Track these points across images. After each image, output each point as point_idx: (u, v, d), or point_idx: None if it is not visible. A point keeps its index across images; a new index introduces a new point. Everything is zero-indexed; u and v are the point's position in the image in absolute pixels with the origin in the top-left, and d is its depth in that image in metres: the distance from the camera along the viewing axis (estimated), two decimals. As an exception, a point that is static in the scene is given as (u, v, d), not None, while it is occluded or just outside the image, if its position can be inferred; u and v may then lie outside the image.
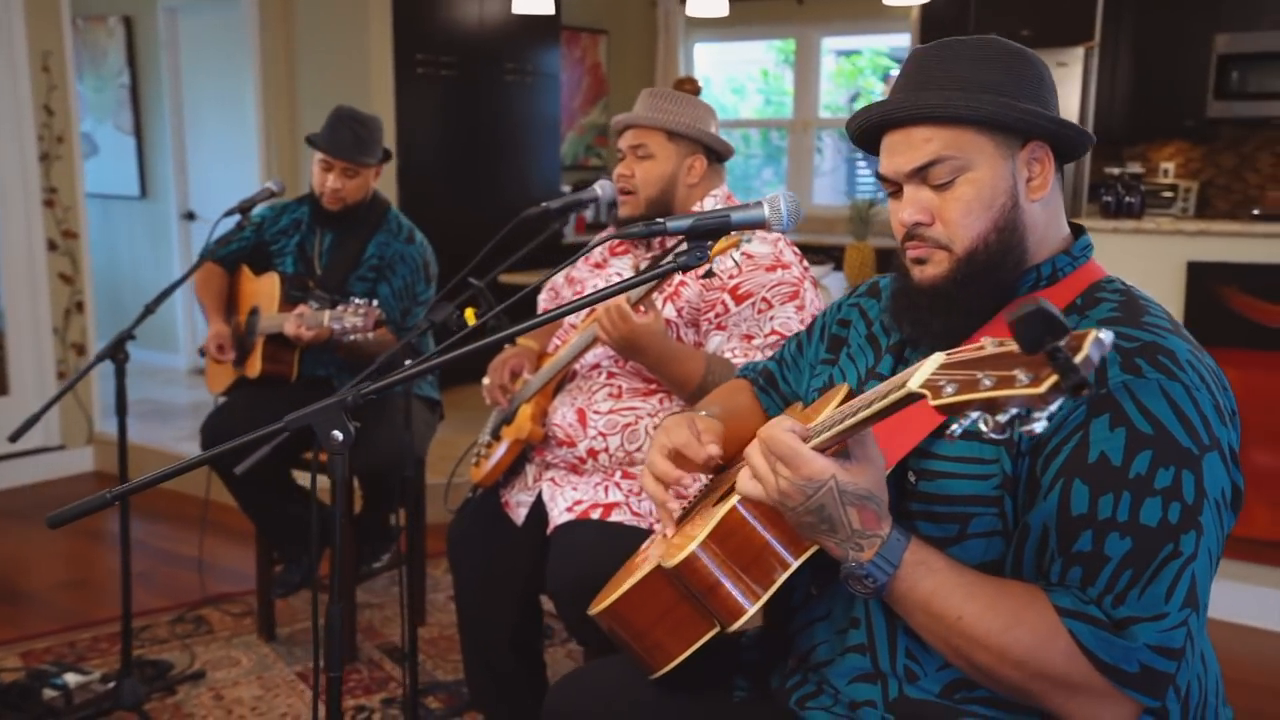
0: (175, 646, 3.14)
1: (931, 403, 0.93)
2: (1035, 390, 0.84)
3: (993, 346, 0.92)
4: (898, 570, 1.12)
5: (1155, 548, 1.08)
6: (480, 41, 5.92)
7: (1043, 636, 1.08)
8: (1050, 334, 0.83)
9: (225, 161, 5.95)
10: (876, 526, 1.12)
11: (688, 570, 1.25)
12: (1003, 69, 1.24)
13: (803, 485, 1.10)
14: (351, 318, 2.62)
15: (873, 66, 7.76)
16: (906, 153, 1.24)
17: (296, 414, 1.28)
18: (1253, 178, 5.70)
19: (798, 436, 1.12)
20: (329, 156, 2.99)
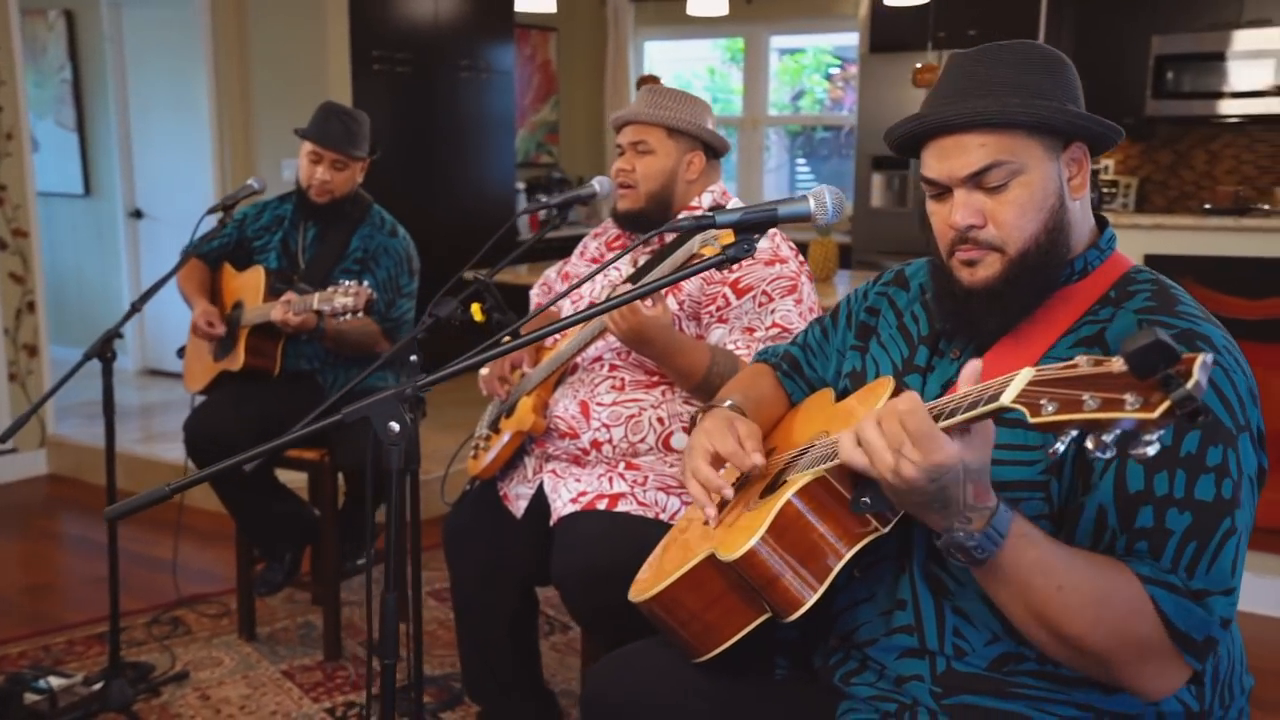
0: (154, 648, 3.11)
1: (1030, 420, 0.95)
2: (1149, 415, 0.87)
3: (1088, 365, 0.94)
4: (1005, 541, 1.11)
5: (1214, 523, 1.14)
6: (435, 38, 5.91)
7: (1133, 604, 1.12)
8: (1165, 362, 0.85)
9: (175, 158, 5.85)
10: (986, 499, 1.11)
11: (747, 564, 1.27)
12: (1045, 73, 1.30)
13: (929, 470, 1.07)
14: (342, 298, 2.61)
15: (816, 64, 7.87)
16: (960, 157, 1.27)
17: (352, 406, 1.30)
18: (1188, 174, 5.91)
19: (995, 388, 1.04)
20: (320, 148, 2.99)
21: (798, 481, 1.29)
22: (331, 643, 3.06)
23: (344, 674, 2.98)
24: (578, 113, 7.76)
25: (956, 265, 1.32)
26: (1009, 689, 1.27)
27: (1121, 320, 1.27)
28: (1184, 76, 5.54)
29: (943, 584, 1.31)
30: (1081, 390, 0.92)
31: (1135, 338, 0.87)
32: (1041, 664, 1.26)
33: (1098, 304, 1.31)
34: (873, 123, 6.05)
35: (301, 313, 2.74)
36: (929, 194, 1.35)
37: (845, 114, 7.45)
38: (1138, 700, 1.22)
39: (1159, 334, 0.86)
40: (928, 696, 1.30)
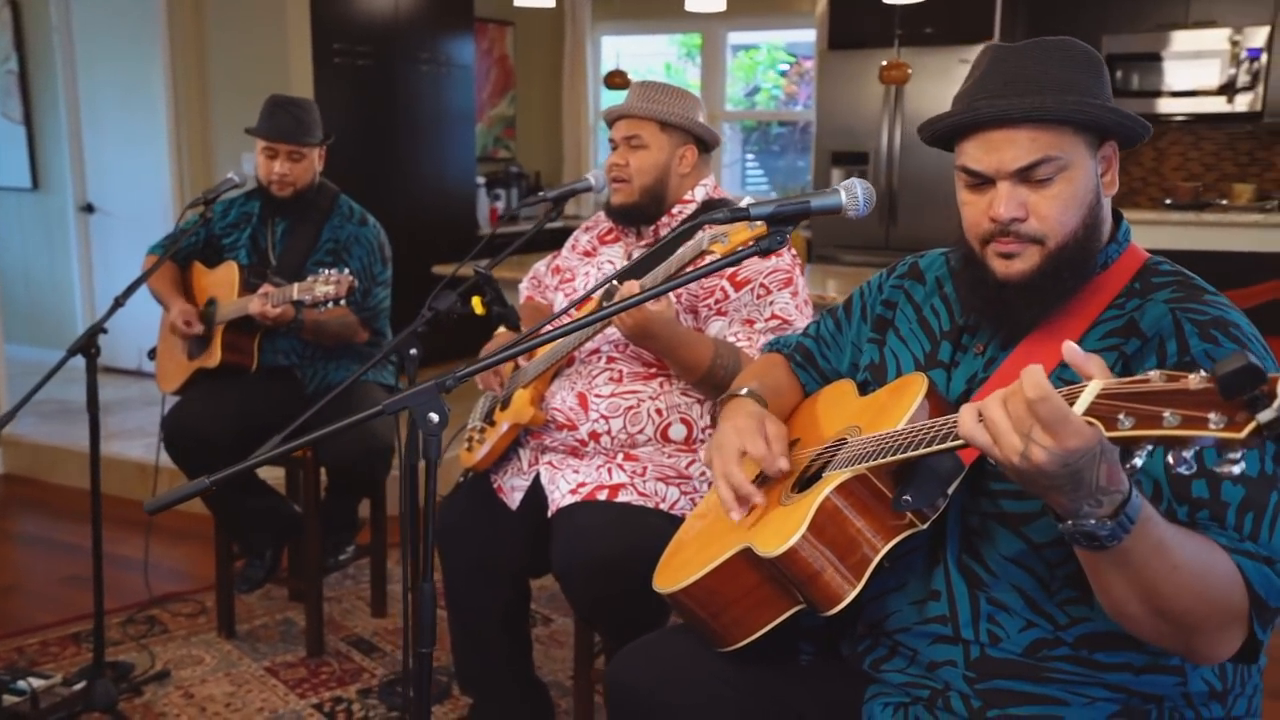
0: (131, 648, 3.06)
1: (1106, 434, 0.95)
2: (1236, 435, 0.87)
3: (1160, 380, 0.94)
4: (1135, 525, 1.07)
5: (1265, 495, 1.18)
6: (396, 31, 5.87)
7: (1230, 576, 1.15)
8: (1252, 384, 0.86)
9: (129, 152, 5.73)
10: (1118, 483, 1.05)
11: (789, 561, 1.29)
12: (1087, 71, 1.33)
13: (1063, 456, 1.01)
14: (323, 286, 2.60)
15: (770, 61, 7.94)
16: (1009, 151, 1.29)
17: (393, 398, 1.31)
18: (1136, 170, 6.07)
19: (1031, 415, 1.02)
20: (272, 143, 2.97)
21: (837, 478, 1.31)
22: (314, 639, 3.04)
23: (329, 669, 2.96)
24: (535, 107, 7.75)
25: (991, 255, 1.35)
26: (1043, 673, 1.30)
27: (1152, 310, 1.31)
28: (1132, 75, 5.69)
29: (977, 576, 1.34)
30: (1160, 406, 0.92)
31: (1227, 360, 0.87)
32: (1075, 649, 1.29)
33: (1122, 295, 1.35)
34: (831, 119, 6.12)
35: (280, 304, 2.72)
36: (966, 184, 1.36)
37: (801, 110, 7.53)
38: (1167, 680, 1.27)
39: (1250, 358, 0.86)
40: (960, 681, 1.33)
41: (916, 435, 1.23)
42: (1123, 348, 1.30)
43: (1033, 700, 1.30)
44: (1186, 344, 1.25)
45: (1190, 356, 1.24)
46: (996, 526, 1.32)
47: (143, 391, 5.58)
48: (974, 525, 1.35)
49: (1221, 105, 5.46)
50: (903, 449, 1.24)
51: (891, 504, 1.29)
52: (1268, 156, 5.74)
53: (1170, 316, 1.29)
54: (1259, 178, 5.73)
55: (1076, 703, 1.29)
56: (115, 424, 5.05)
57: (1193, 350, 1.24)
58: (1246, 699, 1.34)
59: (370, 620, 3.27)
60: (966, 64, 5.84)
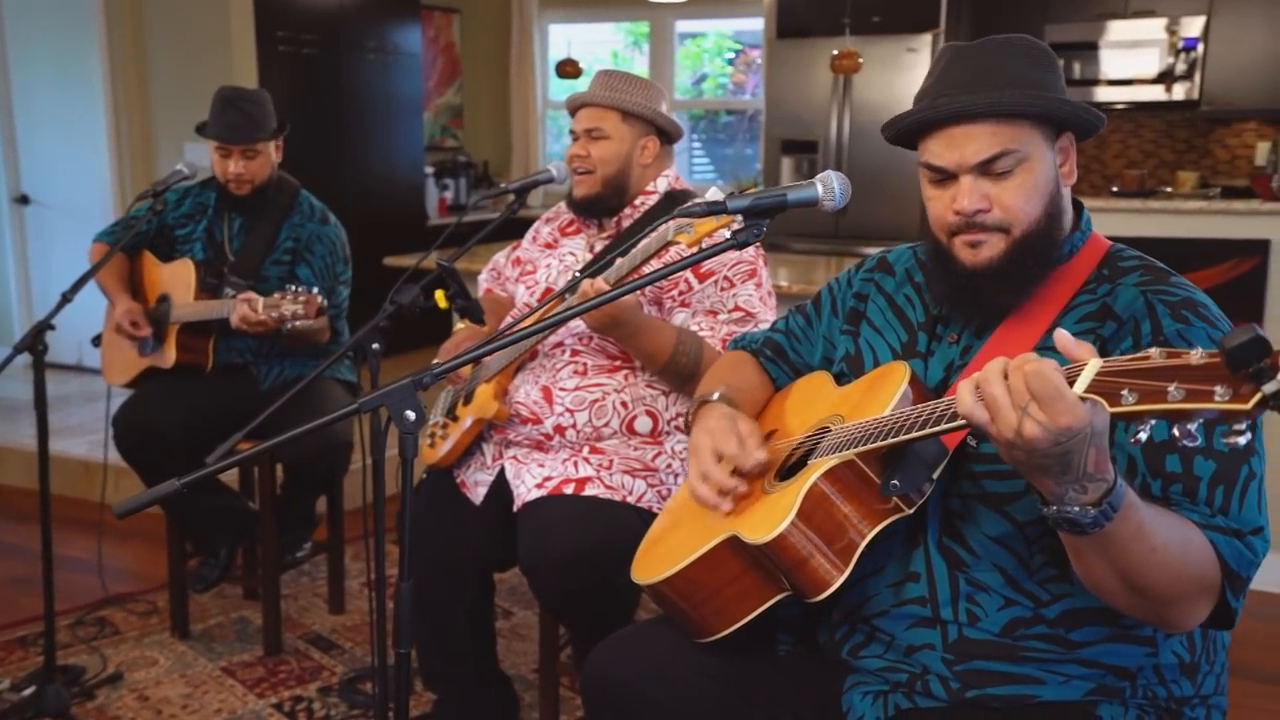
0: (82, 650, 3.00)
1: (1110, 409, 0.98)
2: (1242, 406, 0.90)
3: (1161, 357, 0.97)
4: (1119, 511, 1.10)
5: (1235, 469, 1.23)
6: (341, 19, 5.79)
7: (1205, 552, 1.19)
8: (1258, 356, 0.89)
9: (66, 142, 5.58)
10: (1105, 470, 1.08)
11: (779, 547, 1.30)
12: (1042, 66, 1.37)
13: (1057, 433, 1.03)
14: (290, 305, 2.56)
15: (717, 49, 7.95)
16: (971, 145, 1.33)
17: (368, 396, 1.29)
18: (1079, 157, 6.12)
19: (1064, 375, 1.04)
20: (224, 144, 2.90)
21: (824, 464, 1.32)
22: (272, 637, 2.99)
23: (287, 668, 2.92)
24: (482, 96, 7.68)
25: (959, 246, 1.38)
26: (1019, 653, 1.32)
27: (1124, 294, 1.35)
28: (1074, 64, 5.78)
29: (958, 557, 1.36)
30: (1164, 381, 0.95)
31: (1235, 334, 0.90)
32: (1054, 627, 1.32)
33: (1091, 280, 1.39)
34: (780, 107, 6.14)
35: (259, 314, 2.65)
36: (930, 180, 1.40)
37: (749, 98, 7.55)
38: (1138, 651, 1.30)
39: (1257, 330, 0.90)
40: (939, 663, 1.35)
41: (908, 419, 1.25)
42: (1099, 330, 1.34)
43: (1010, 680, 1.32)
44: (1160, 324, 1.30)
45: (1164, 336, 1.28)
46: (979, 507, 1.35)
47: (83, 387, 5.45)
48: (955, 508, 1.37)
49: (1160, 94, 5.58)
50: (894, 433, 1.26)
51: (879, 489, 1.30)
52: (1204, 144, 5.88)
53: (1142, 299, 1.33)
54: (1196, 164, 5.86)
55: (1053, 681, 1.32)
56: (58, 420, 4.92)
57: (1165, 330, 1.28)
58: (1215, 676, 1.38)
59: (328, 617, 3.23)
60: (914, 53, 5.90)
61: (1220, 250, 3.38)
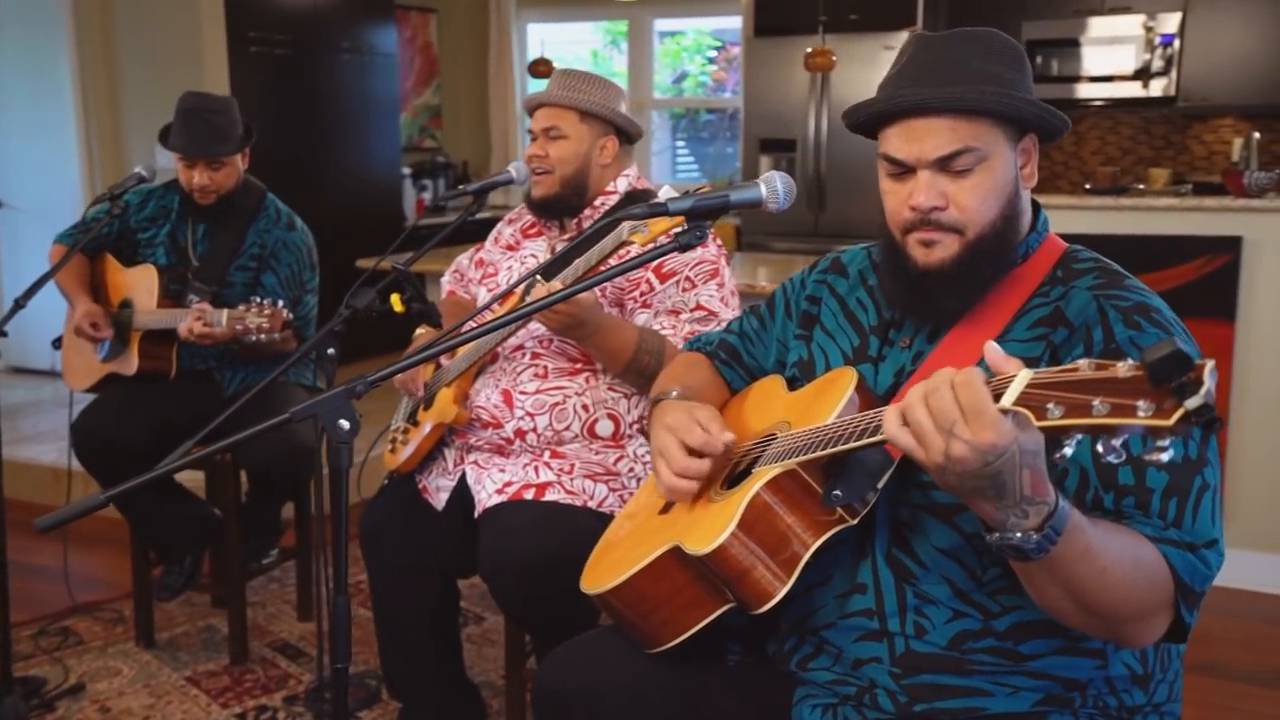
0: (44, 661, 2.95)
1: (1036, 423, 0.94)
2: (1165, 422, 0.87)
3: (1089, 369, 0.93)
4: (1063, 535, 1.06)
5: (1188, 480, 1.20)
6: (315, 19, 5.74)
7: (1156, 568, 1.16)
8: (1180, 370, 0.86)
9: (37, 145, 5.52)
10: (1045, 492, 1.04)
11: (719, 558, 1.27)
12: (1010, 64, 1.34)
13: (984, 451, 0.99)
14: (255, 318, 2.52)
15: (696, 47, 7.92)
16: (930, 140, 1.30)
17: (301, 405, 1.25)
18: (1057, 154, 6.17)
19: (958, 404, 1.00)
20: (187, 157, 2.85)
21: (766, 473, 1.29)
22: (238, 646, 2.96)
23: (253, 677, 2.88)
24: (461, 96, 7.64)
25: (912, 244, 1.35)
26: (966, 666, 1.30)
27: (1077, 298, 1.32)
28: (1051, 61, 5.77)
29: (907, 569, 1.33)
30: (1089, 395, 0.91)
31: (1155, 348, 0.87)
32: (1001, 640, 1.29)
33: (1045, 284, 1.36)
34: (758, 106, 6.11)
35: (213, 326, 2.61)
36: (888, 173, 1.36)
37: (729, 96, 7.52)
38: (1088, 664, 1.28)
39: (1178, 344, 0.87)
40: (886, 677, 1.33)
41: (845, 429, 1.22)
42: (1050, 337, 1.31)
43: (958, 693, 1.30)
44: (1111, 331, 1.27)
45: (1116, 344, 1.25)
46: (928, 518, 1.32)
47: (55, 392, 5.39)
48: (905, 518, 1.34)
49: (1137, 90, 5.57)
50: (832, 443, 1.23)
51: (821, 499, 1.27)
52: (1182, 140, 5.88)
53: (1095, 304, 1.30)
54: (1174, 161, 5.86)
55: (1000, 693, 1.29)
56: (29, 426, 4.88)
57: (1117, 337, 1.25)
58: (1168, 684, 1.35)
59: (297, 624, 3.20)
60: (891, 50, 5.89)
61: (1192, 247, 3.37)
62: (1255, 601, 3.34)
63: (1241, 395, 3.39)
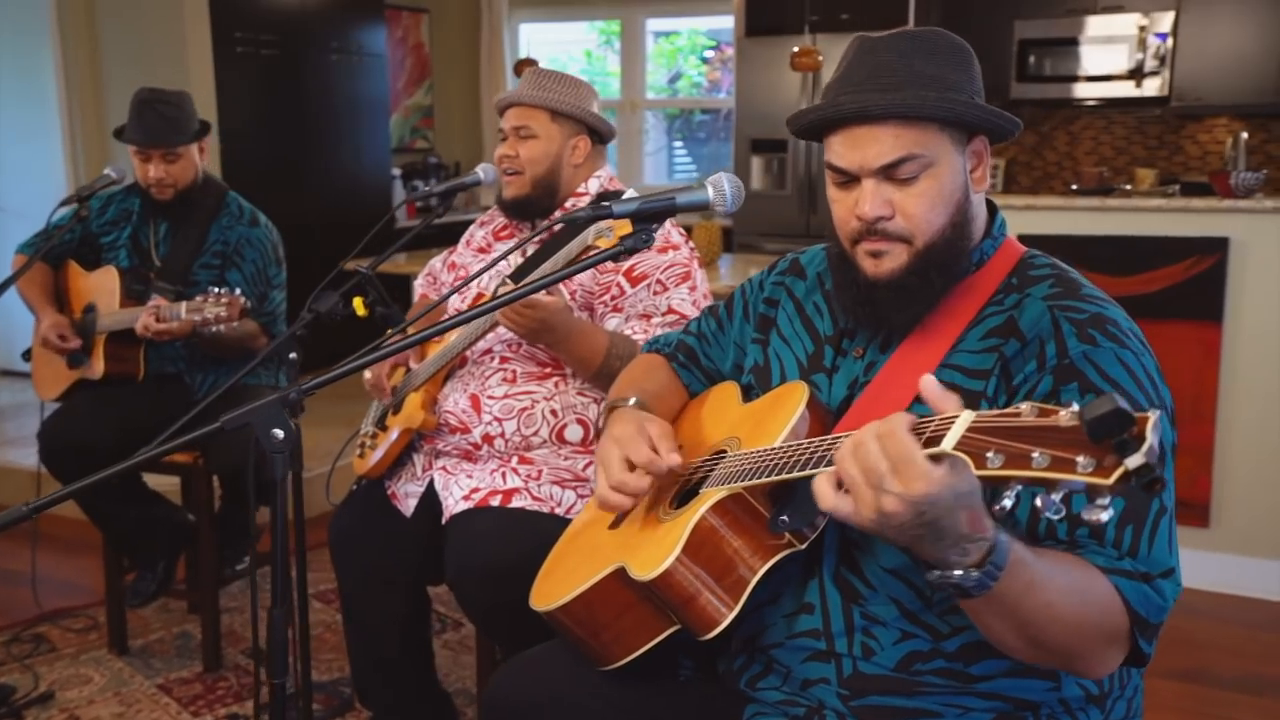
0: (14, 669, 2.92)
1: (975, 471, 0.89)
2: (1104, 481, 0.83)
3: (1032, 414, 0.89)
4: (1004, 572, 1.02)
5: (1145, 506, 1.15)
6: (302, 20, 5.71)
7: (1106, 602, 1.11)
8: (1121, 427, 0.82)
9: (24, 149, 5.49)
10: (983, 529, 1.00)
11: (663, 585, 1.23)
12: (956, 65, 1.29)
13: (917, 502, 0.95)
14: (213, 308, 2.48)
15: (691, 46, 7.88)
16: (873, 147, 1.25)
17: (232, 413, 1.22)
18: (1051, 154, 6.13)
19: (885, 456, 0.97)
20: (142, 148, 2.82)
21: (712, 496, 1.25)
22: (211, 653, 2.92)
23: (225, 684, 2.85)
24: (453, 96, 7.60)
25: (861, 255, 1.30)
26: (916, 688, 1.26)
27: (1031, 308, 1.27)
28: (1045, 60, 5.73)
29: (854, 589, 1.29)
30: (1030, 445, 0.87)
31: (1095, 404, 0.83)
32: (950, 661, 1.25)
33: (999, 292, 1.31)
34: (750, 106, 6.08)
35: (169, 320, 2.58)
36: (834, 181, 1.32)
37: (723, 97, 7.48)
38: (1040, 685, 1.24)
39: (1118, 401, 0.82)
40: (835, 699, 1.29)
41: (792, 457, 1.17)
42: (1002, 349, 1.26)
43: (907, 715, 1.26)
44: (1065, 345, 1.21)
45: (1069, 359, 1.20)
46: (876, 539, 1.26)
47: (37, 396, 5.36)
48: (853, 538, 1.29)
49: (1131, 90, 5.52)
50: (777, 470, 1.18)
51: (768, 524, 1.23)
52: (1176, 140, 5.83)
53: (1049, 316, 1.25)
54: (1168, 161, 5.82)
55: (950, 714, 1.25)
56: (12, 430, 4.85)
57: (1071, 352, 1.20)
58: (1126, 701, 1.31)
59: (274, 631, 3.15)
60: (878, 50, 5.79)
61: (1179, 248, 3.32)
62: (1243, 606, 3.30)
63: (1229, 398, 3.35)
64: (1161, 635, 1.19)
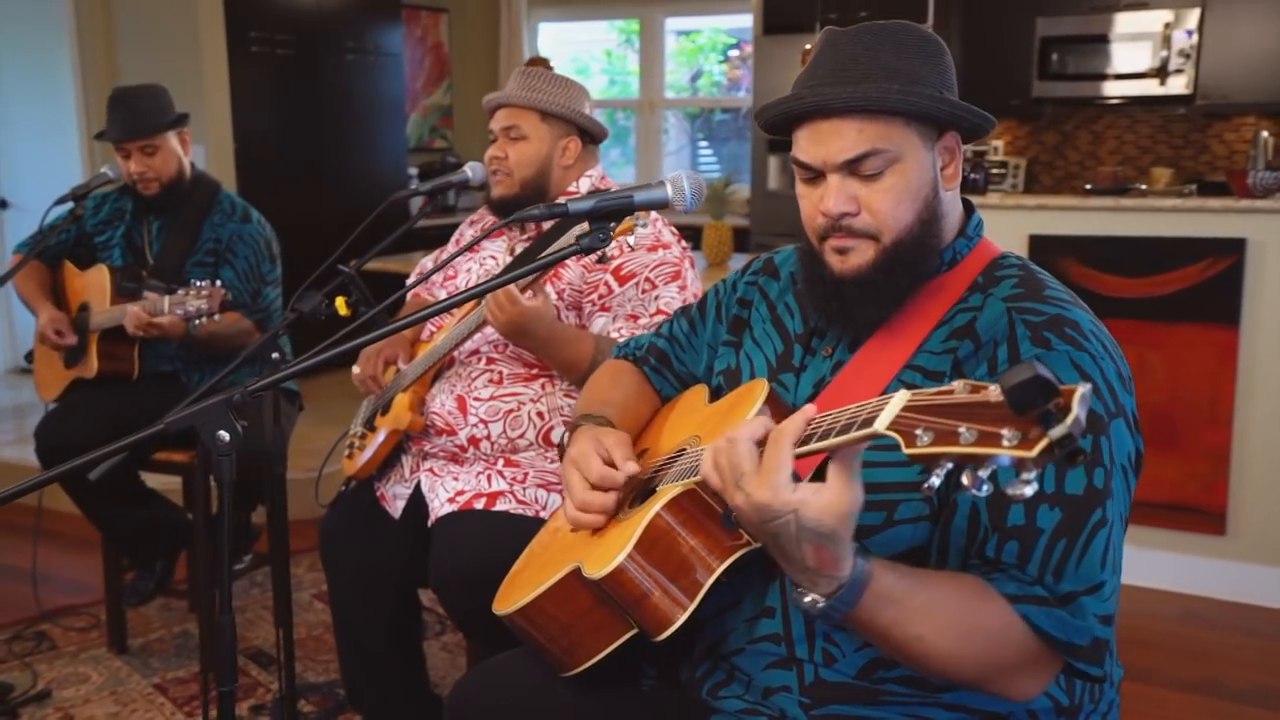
0: (14, 667, 2.93)
1: (905, 450, 0.87)
2: (1027, 454, 0.80)
3: (964, 391, 0.87)
4: (854, 609, 1.04)
5: (1084, 517, 1.10)
6: (318, 19, 5.72)
7: (997, 633, 1.08)
8: (1043, 397, 0.79)
9: (42, 147, 5.55)
10: (835, 569, 1.02)
11: (614, 582, 1.20)
12: (924, 59, 1.24)
13: (758, 508, 1.00)
14: (194, 301, 2.47)
15: (713, 45, 7.84)
16: (836, 142, 1.22)
17: (176, 414, 1.20)
18: (1073, 154, 6.03)
19: (756, 457, 1.02)
20: (118, 144, 2.83)
21: (666, 493, 1.22)
22: (209, 653, 2.91)
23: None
24: (472, 96, 7.59)
25: (828, 252, 1.27)
26: (879, 696, 1.22)
27: (991, 310, 1.23)
28: (1068, 58, 5.63)
29: None
30: (958, 421, 0.84)
31: (1014, 371, 0.80)
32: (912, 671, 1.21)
33: (968, 291, 1.27)
34: (768, 105, 6.03)
35: (156, 316, 2.58)
36: (801, 177, 1.28)
37: (743, 95, 7.43)
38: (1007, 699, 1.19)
39: (1038, 368, 0.80)
40: (796, 708, 1.25)
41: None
42: (957, 351, 1.22)
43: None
44: (1017, 348, 1.17)
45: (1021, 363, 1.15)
46: None
47: (58, 393, 5.40)
48: None
49: (1154, 88, 5.42)
50: None
51: (721, 520, 1.19)
52: (1202, 139, 5.72)
53: (1006, 317, 1.21)
54: (1194, 160, 5.70)
55: None
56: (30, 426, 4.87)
57: (1023, 355, 1.16)
58: (1100, 715, 1.26)
59: (273, 631, 3.14)
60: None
61: (1195, 249, 3.24)
62: (1258, 617, 3.22)
63: (1246, 402, 3.26)
64: (1170, 645, 1.16)
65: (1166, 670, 2.88)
